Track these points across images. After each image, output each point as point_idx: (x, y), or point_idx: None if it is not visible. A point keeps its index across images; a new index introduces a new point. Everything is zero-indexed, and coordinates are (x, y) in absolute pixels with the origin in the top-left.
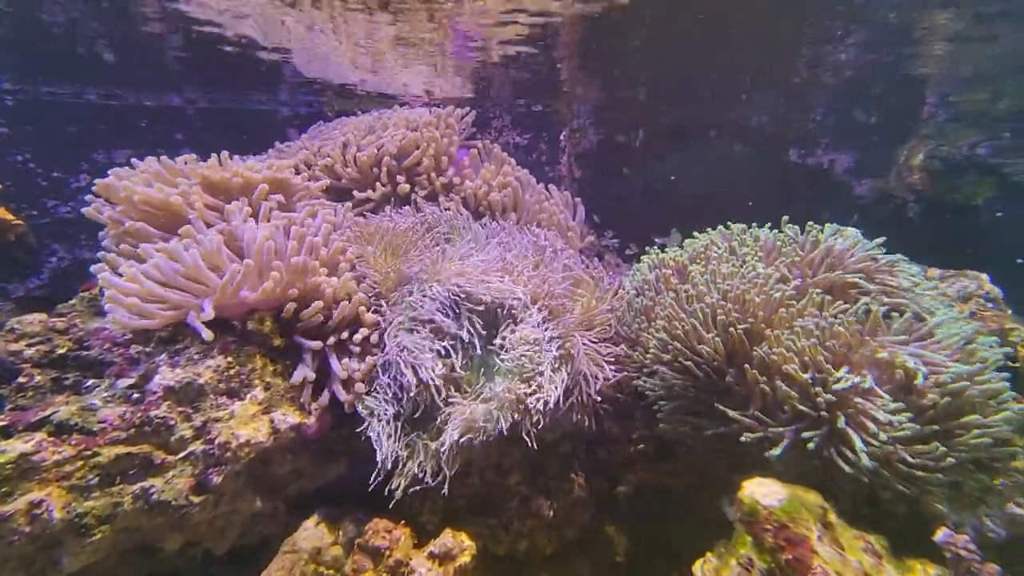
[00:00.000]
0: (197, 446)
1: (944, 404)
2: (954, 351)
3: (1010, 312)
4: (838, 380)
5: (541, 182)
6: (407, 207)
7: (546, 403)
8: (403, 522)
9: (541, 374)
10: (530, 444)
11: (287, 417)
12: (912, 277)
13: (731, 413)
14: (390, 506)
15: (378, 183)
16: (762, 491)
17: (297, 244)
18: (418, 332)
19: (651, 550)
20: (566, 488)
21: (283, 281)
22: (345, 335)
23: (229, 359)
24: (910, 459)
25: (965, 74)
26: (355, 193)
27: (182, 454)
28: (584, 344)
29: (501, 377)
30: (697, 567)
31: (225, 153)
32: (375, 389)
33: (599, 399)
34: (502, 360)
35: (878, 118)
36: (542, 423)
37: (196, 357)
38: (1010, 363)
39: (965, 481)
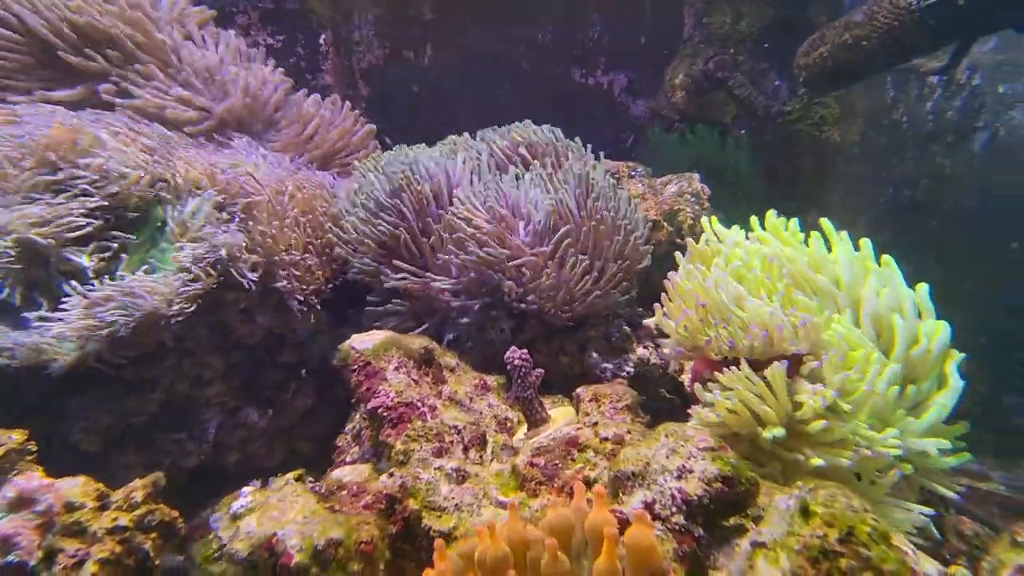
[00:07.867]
0: None
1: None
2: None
3: (706, 205)
4: None
5: (303, 90)
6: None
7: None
8: None
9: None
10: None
11: None
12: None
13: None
14: None
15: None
16: (361, 339)
17: None
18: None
19: None
20: (289, 399)
21: None
22: None
23: None
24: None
25: None
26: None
27: None
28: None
29: (164, 265)
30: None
31: None
32: None
33: (313, 298)
34: (167, 250)
35: (648, 38)
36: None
37: None
38: (677, 240)
39: (612, 334)
